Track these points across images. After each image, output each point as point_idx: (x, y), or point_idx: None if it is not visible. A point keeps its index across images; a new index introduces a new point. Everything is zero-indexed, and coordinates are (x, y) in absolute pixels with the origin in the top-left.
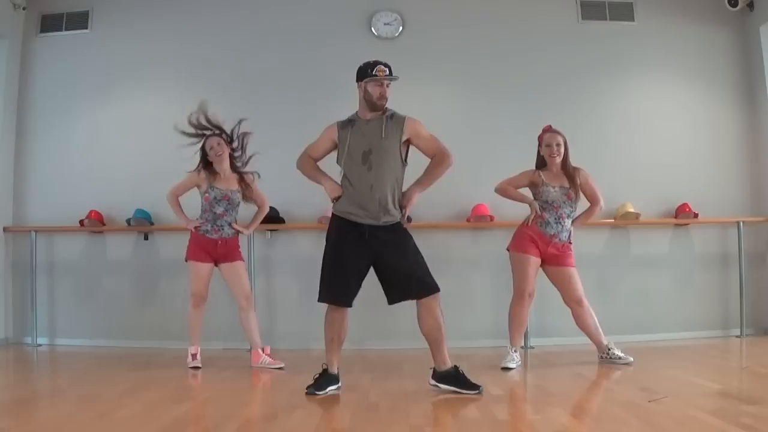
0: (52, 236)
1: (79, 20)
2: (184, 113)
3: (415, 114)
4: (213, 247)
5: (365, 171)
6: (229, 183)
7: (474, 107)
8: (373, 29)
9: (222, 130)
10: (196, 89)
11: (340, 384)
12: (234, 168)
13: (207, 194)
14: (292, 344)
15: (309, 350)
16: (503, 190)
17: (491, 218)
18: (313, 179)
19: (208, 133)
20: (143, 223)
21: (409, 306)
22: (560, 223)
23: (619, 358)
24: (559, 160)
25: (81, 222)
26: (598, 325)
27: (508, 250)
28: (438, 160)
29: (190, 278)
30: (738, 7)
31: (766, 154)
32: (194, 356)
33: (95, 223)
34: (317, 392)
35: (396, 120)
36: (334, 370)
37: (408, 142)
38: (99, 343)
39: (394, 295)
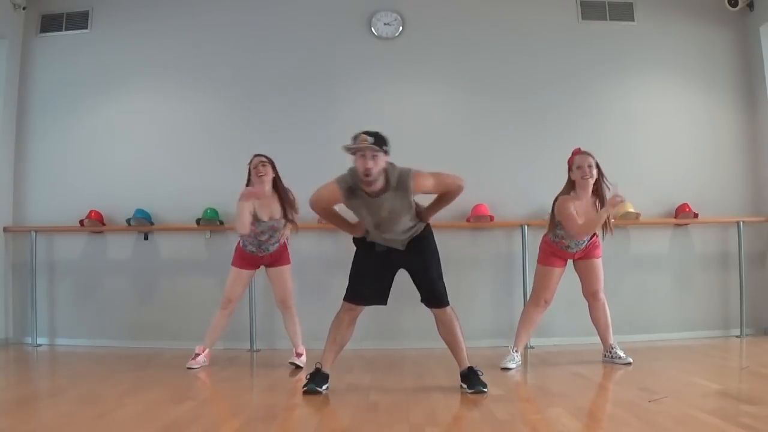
0: (52, 236)
1: (79, 20)
2: (184, 113)
3: (414, 114)
4: (259, 259)
5: (380, 233)
6: (271, 210)
7: (474, 107)
8: (373, 29)
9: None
10: (196, 89)
11: (328, 385)
12: (276, 190)
13: (253, 225)
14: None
15: (309, 350)
16: (590, 227)
17: (491, 218)
18: (335, 226)
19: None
20: (143, 223)
21: (409, 306)
22: (579, 243)
23: (620, 357)
24: (592, 182)
25: (81, 222)
26: (609, 323)
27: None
28: (448, 193)
29: (227, 280)
30: (738, 7)
31: (766, 154)
32: (196, 355)
33: (95, 223)
34: (318, 388)
35: (402, 185)
36: (327, 369)
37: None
38: (99, 343)
39: (421, 297)
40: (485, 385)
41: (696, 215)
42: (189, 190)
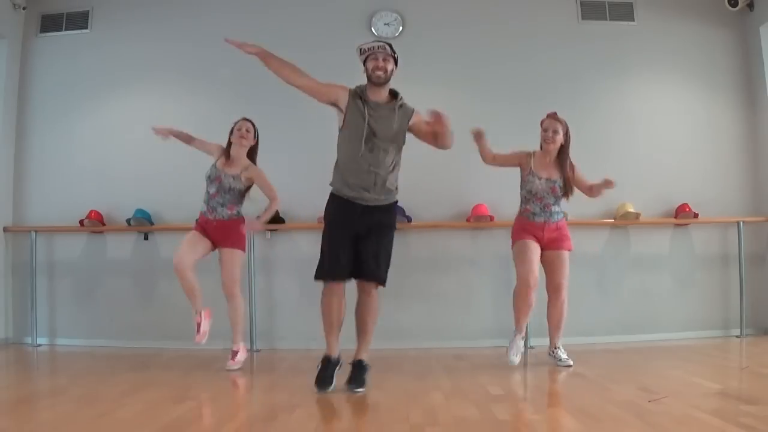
0: (52, 236)
1: (79, 20)
2: (184, 113)
3: None
4: (209, 227)
5: (366, 152)
6: (230, 168)
7: (474, 107)
8: (373, 29)
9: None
10: (196, 89)
11: (341, 362)
12: (248, 158)
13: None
14: (292, 344)
15: (309, 350)
16: (487, 158)
17: (491, 218)
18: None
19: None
20: (143, 223)
21: (409, 306)
22: (546, 211)
23: (561, 360)
24: (552, 147)
25: (81, 222)
26: (562, 325)
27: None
28: (440, 141)
29: None
30: (738, 7)
31: (766, 154)
32: (198, 325)
33: (95, 223)
34: (326, 389)
35: (405, 110)
36: (334, 353)
37: (407, 130)
38: (99, 343)
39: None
40: (362, 385)
41: (696, 215)
42: (189, 190)
